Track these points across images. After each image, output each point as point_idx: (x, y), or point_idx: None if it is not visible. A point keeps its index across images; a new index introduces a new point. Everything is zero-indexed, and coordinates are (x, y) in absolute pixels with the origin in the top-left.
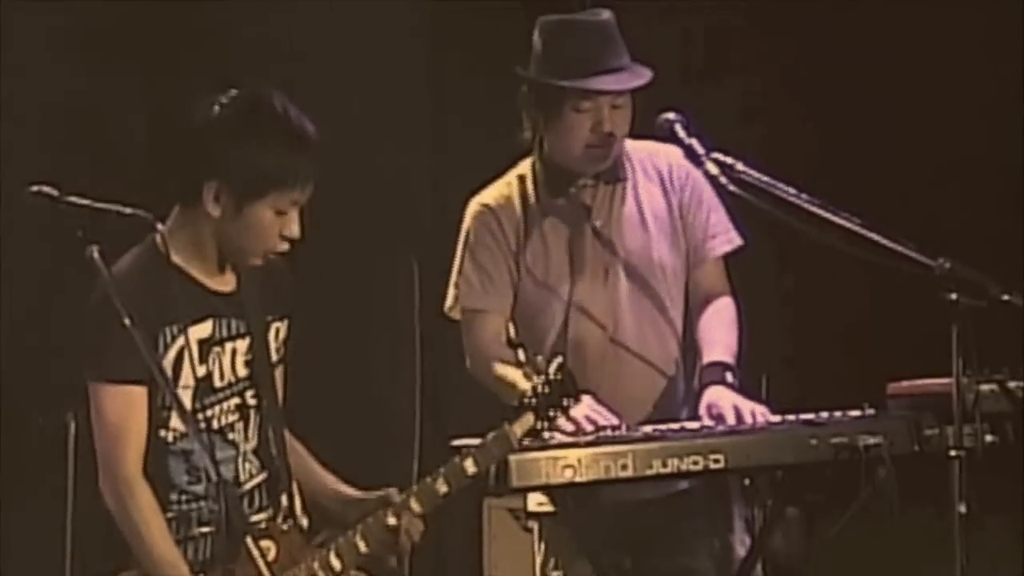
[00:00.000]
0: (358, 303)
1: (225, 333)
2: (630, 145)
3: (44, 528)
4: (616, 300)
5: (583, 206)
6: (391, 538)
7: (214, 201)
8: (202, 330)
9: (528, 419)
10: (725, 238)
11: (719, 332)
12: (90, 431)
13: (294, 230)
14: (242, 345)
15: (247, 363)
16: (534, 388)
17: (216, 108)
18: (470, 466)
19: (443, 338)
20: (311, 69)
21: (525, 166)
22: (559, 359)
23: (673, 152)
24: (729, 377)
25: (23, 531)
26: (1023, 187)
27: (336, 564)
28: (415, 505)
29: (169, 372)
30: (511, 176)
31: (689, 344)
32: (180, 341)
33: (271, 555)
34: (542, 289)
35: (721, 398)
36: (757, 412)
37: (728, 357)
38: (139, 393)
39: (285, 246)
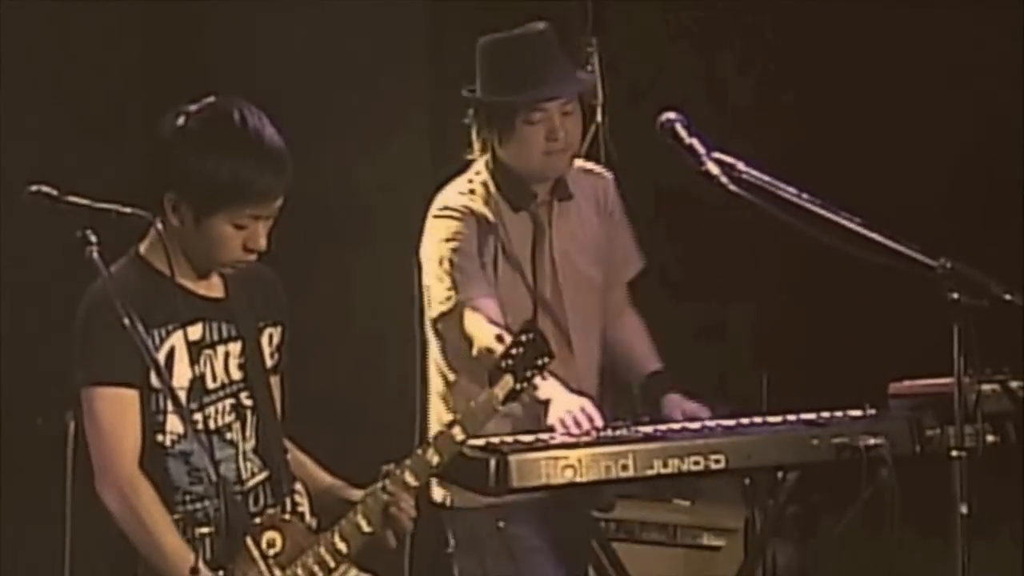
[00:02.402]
0: (358, 303)
1: (216, 337)
2: None
3: (43, 528)
4: (564, 312)
5: (543, 223)
6: (391, 515)
7: (173, 212)
8: (192, 332)
9: (507, 381)
10: (635, 264)
11: (647, 344)
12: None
13: (259, 243)
14: (235, 348)
15: (240, 366)
16: (509, 351)
17: (180, 119)
18: (458, 433)
19: None
20: (311, 69)
21: (482, 172)
22: (528, 322)
23: (596, 169)
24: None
25: (23, 531)
26: (1023, 187)
27: (342, 547)
28: (410, 478)
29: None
30: (475, 183)
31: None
32: (170, 342)
33: (277, 546)
34: (509, 299)
35: (694, 408)
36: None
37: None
38: (131, 396)
39: (251, 257)
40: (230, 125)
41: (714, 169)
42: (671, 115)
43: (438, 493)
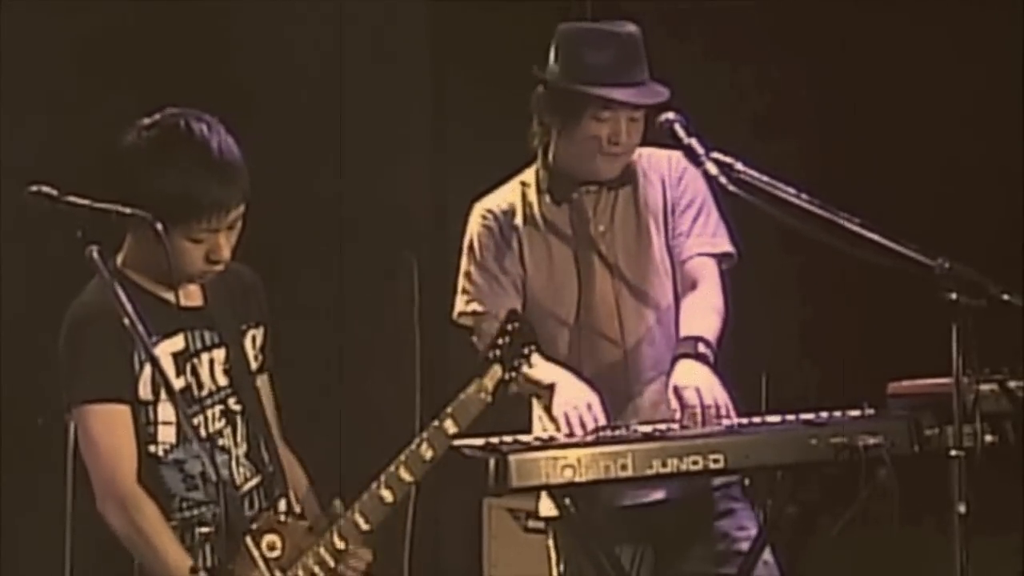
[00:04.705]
0: (358, 303)
1: (199, 345)
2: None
3: (44, 529)
4: (620, 305)
5: (586, 212)
6: (389, 513)
7: (135, 228)
8: (174, 344)
9: (496, 371)
10: (710, 241)
11: (696, 310)
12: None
13: (222, 255)
14: (219, 355)
15: (226, 372)
16: (495, 341)
17: (133, 134)
18: (450, 426)
19: (443, 338)
20: (310, 70)
21: (529, 172)
22: (512, 311)
23: (675, 155)
24: (701, 347)
25: (23, 532)
26: (1023, 187)
27: (341, 545)
28: (405, 474)
29: (149, 387)
30: (515, 182)
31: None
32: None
33: (277, 548)
34: (548, 293)
35: (688, 378)
36: (719, 399)
37: (703, 332)
38: (123, 411)
39: (218, 267)
40: (176, 138)
41: (712, 169)
42: (670, 115)
43: (545, 507)
